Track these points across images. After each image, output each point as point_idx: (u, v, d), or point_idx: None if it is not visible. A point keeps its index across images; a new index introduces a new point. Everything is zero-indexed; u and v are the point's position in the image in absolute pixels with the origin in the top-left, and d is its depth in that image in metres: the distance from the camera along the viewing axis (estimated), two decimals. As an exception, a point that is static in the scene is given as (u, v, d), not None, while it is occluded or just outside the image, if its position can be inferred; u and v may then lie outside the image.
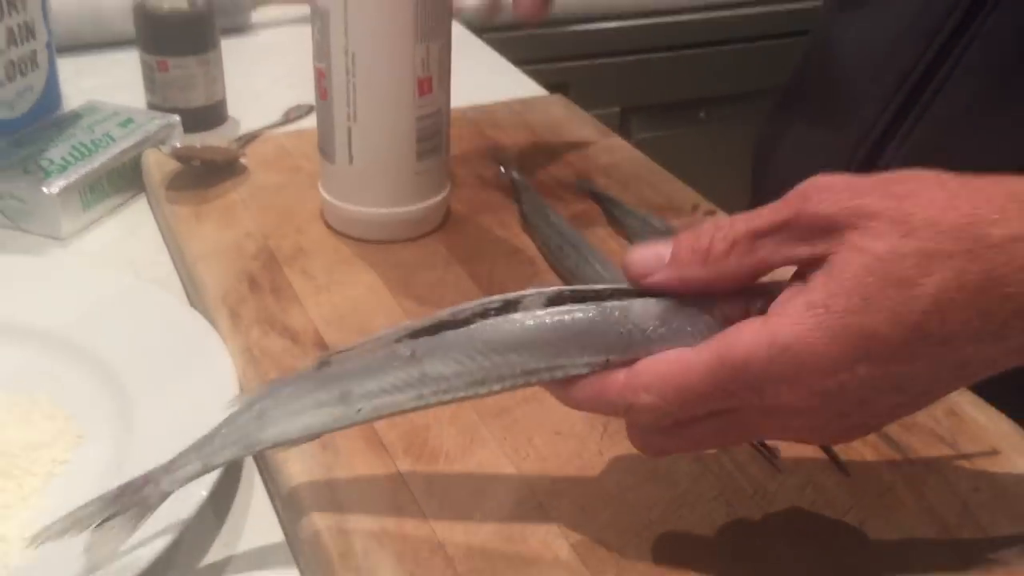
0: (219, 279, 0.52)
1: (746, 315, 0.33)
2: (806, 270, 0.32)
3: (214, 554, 0.40)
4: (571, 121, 0.72)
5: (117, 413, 0.45)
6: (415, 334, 0.35)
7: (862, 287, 0.30)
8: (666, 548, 0.38)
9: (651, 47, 1.23)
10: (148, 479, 0.36)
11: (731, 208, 0.55)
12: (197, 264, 0.53)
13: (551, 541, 0.38)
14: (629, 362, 0.34)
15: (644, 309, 0.34)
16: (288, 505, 0.40)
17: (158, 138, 0.66)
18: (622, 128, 1.22)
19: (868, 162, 0.55)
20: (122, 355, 0.48)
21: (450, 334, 0.34)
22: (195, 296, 0.53)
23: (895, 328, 0.30)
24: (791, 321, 0.31)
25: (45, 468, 0.42)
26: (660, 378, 0.33)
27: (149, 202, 0.64)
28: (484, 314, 0.35)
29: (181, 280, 0.57)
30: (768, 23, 1.21)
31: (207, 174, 0.61)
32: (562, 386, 0.35)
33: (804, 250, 0.32)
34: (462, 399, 0.35)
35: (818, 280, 0.31)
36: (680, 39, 1.22)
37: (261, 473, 0.44)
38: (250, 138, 0.65)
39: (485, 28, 0.91)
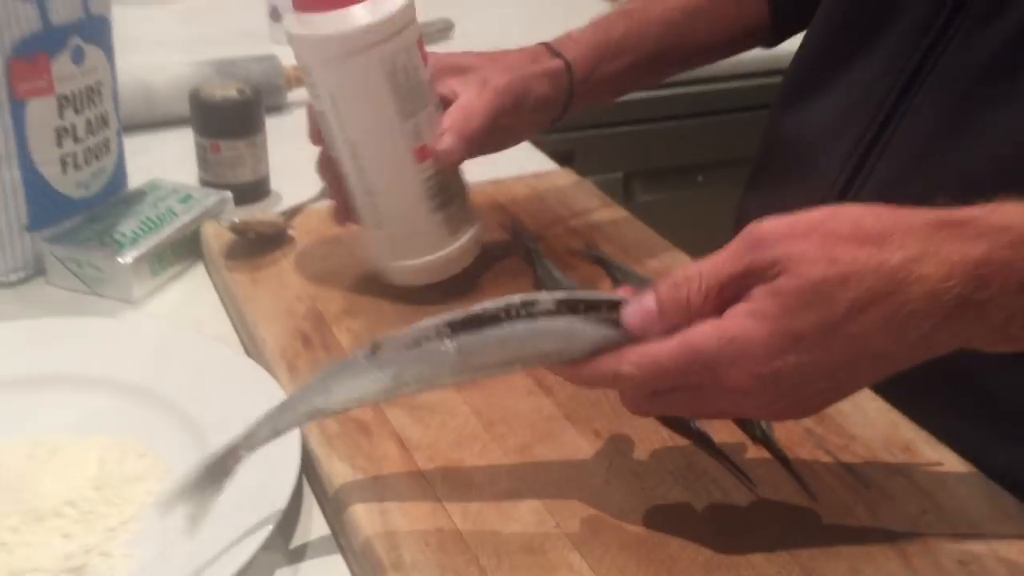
0: (276, 337, 0.60)
1: None
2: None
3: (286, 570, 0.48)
4: (578, 193, 0.80)
5: (197, 451, 0.53)
6: (453, 326, 0.44)
7: (795, 301, 0.41)
8: (662, 559, 0.46)
9: (650, 117, 1.33)
10: (229, 453, 0.45)
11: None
12: (257, 325, 0.62)
13: (566, 553, 0.46)
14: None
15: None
16: (346, 527, 0.48)
17: (213, 212, 0.75)
18: (625, 191, 1.31)
19: None
20: (196, 402, 0.56)
21: (488, 332, 0.44)
22: (253, 350, 0.62)
23: (818, 330, 0.41)
24: (738, 322, 0.41)
25: (140, 498, 0.50)
26: (639, 355, 0.43)
27: (207, 268, 0.73)
28: (508, 310, 0.44)
29: (239, 336, 0.65)
30: (758, 95, 1.30)
31: (259, 244, 0.70)
32: (569, 367, 0.45)
33: (758, 282, 0.42)
34: (492, 376, 0.46)
35: (762, 293, 0.41)
36: (677, 110, 1.31)
37: (319, 501, 0.52)
38: (295, 211, 0.74)
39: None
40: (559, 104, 0.69)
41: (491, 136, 0.64)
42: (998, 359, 0.45)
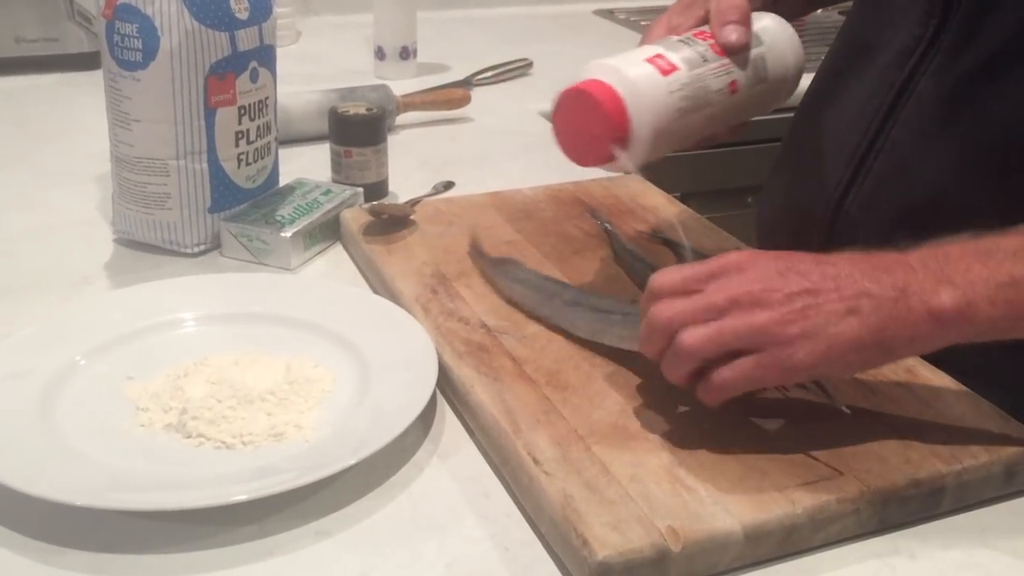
0: (411, 289, 0.77)
1: None
2: None
3: (427, 445, 0.64)
4: (645, 192, 0.97)
5: (357, 365, 0.69)
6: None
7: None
8: (713, 436, 0.61)
9: (706, 146, 1.49)
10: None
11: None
12: (395, 280, 0.78)
13: (641, 428, 0.61)
14: None
15: None
16: (474, 410, 0.64)
17: (349, 203, 0.92)
18: (682, 210, 1.47)
19: (838, 205, 0.79)
20: (355, 332, 0.72)
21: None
22: (391, 300, 0.78)
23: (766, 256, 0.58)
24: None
25: (317, 395, 0.66)
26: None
27: (344, 246, 0.90)
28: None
29: (375, 292, 0.82)
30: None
31: (389, 225, 0.87)
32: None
33: None
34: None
35: None
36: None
37: (451, 404, 0.68)
38: (415, 202, 0.91)
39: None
40: None
41: None
42: None
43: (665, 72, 0.68)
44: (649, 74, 0.68)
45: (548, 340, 0.71)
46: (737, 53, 0.72)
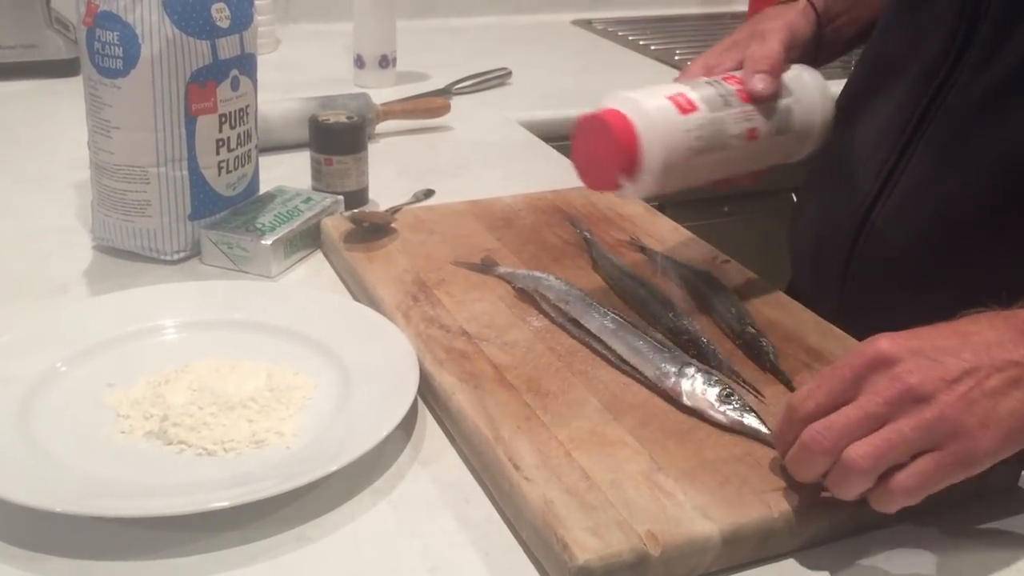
0: (392, 295, 0.77)
1: None
2: None
3: (409, 451, 0.64)
4: (623, 201, 0.97)
5: (338, 372, 0.69)
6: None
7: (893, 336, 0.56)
8: (691, 442, 0.61)
9: (724, 189, 1.50)
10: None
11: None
12: (376, 287, 0.79)
13: (621, 435, 0.62)
14: None
15: None
16: (455, 416, 0.64)
17: (329, 211, 0.93)
18: (660, 219, 1.48)
19: (864, 218, 0.80)
20: (336, 339, 0.72)
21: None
22: (372, 307, 0.78)
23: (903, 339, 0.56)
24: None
25: (298, 401, 0.67)
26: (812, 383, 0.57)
27: (324, 253, 0.90)
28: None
29: (356, 300, 0.82)
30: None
31: (370, 232, 0.87)
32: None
33: None
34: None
35: None
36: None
37: (432, 411, 0.68)
38: (396, 210, 0.92)
39: (559, 138, 1.18)
40: (814, 42, 0.81)
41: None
42: None
43: (684, 110, 0.69)
44: (666, 109, 0.69)
45: (528, 347, 0.71)
46: (762, 102, 0.72)
